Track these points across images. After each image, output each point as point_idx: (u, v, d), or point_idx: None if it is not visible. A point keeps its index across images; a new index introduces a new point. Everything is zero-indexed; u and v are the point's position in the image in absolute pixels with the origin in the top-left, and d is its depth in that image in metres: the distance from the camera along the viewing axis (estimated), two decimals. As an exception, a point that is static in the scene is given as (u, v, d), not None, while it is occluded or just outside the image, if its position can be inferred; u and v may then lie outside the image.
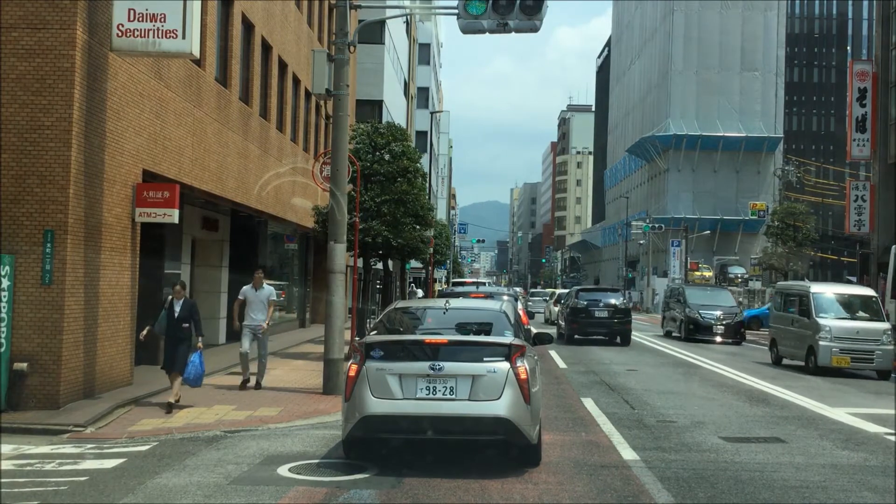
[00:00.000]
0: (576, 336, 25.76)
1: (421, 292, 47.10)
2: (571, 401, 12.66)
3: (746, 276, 60.18)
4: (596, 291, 29.04)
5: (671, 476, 7.73)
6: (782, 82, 77.53)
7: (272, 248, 24.72)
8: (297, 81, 24.29)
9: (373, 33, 37.34)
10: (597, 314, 25.40)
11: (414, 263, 39.08)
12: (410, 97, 56.05)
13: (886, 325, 17.98)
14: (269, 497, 6.87)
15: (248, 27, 19.25)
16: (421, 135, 57.76)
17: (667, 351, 23.53)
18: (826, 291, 19.07)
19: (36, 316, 10.72)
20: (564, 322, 26.85)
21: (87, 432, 9.65)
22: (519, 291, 44.82)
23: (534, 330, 10.70)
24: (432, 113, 60.97)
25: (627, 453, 8.70)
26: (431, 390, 7.37)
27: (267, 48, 20.77)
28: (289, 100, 23.36)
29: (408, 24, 52.09)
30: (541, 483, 7.39)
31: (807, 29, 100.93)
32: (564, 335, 26.16)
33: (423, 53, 63.63)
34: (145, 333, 11.38)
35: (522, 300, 34.09)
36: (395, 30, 44.98)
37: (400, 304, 10.10)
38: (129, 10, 10.98)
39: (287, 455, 8.47)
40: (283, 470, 7.79)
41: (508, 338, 7.83)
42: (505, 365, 7.43)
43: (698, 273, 61.77)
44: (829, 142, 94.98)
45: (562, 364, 18.38)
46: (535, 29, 12.50)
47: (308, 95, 25.08)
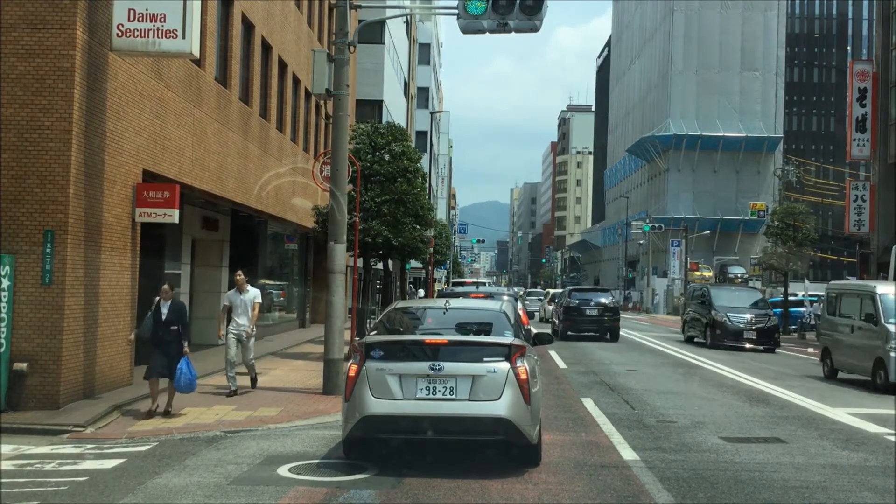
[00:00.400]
0: (569, 332, 27.04)
1: (422, 292, 47.09)
2: (571, 401, 12.66)
3: (746, 276, 60.14)
4: (587, 291, 30.75)
5: (671, 476, 7.73)
6: (782, 82, 77.57)
7: (272, 248, 24.72)
8: (297, 81, 24.29)
9: (373, 33, 37.34)
10: (588, 312, 27.38)
11: (414, 263, 39.10)
12: (410, 97, 56.05)
13: None
14: (269, 497, 6.87)
15: (248, 27, 19.25)
16: (421, 135, 57.77)
17: (667, 351, 23.53)
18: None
19: (36, 316, 10.72)
20: (558, 320, 28.48)
21: (87, 432, 9.65)
22: (519, 291, 45.09)
23: (534, 330, 10.69)
24: (432, 113, 60.98)
25: (627, 453, 8.70)
26: (431, 390, 7.37)
27: (267, 48, 20.78)
28: (289, 100, 23.37)
29: (408, 24, 52.10)
30: (541, 483, 7.39)
31: (807, 29, 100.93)
32: (558, 332, 27.36)
33: (423, 53, 63.64)
34: (132, 338, 11.05)
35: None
36: (395, 30, 44.98)
37: (400, 304, 10.10)
38: (129, 10, 10.99)
39: (287, 455, 8.47)
40: (283, 470, 7.79)
41: (508, 338, 7.83)
42: (505, 365, 7.43)
43: (698, 273, 61.76)
44: (829, 142, 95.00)
45: (562, 364, 18.38)
46: (535, 29, 12.50)
47: (308, 95, 25.09)
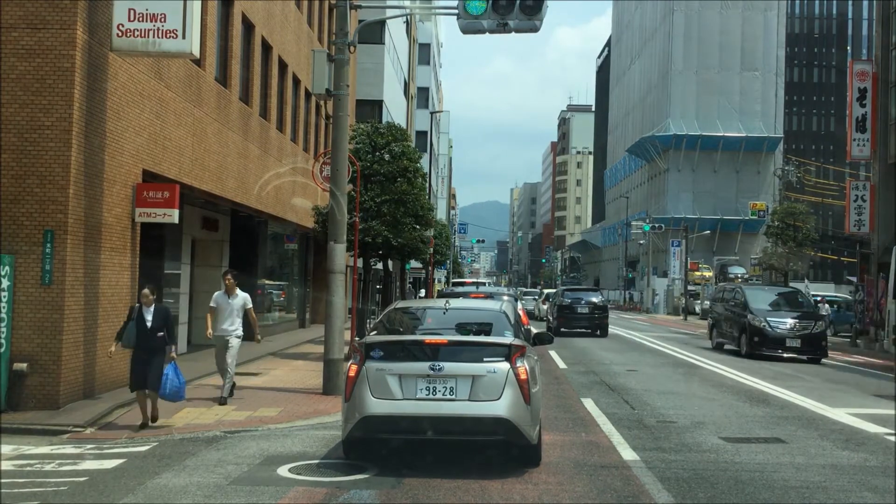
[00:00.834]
0: (562, 329, 29.38)
1: (423, 292, 47.10)
2: (571, 401, 12.66)
3: (746, 277, 60.14)
4: (579, 291, 33.16)
5: (671, 476, 7.73)
6: (782, 82, 77.60)
7: (272, 248, 24.72)
8: (297, 81, 24.29)
9: (373, 33, 37.34)
10: (579, 310, 29.91)
11: (414, 263, 39.09)
12: (410, 97, 56.05)
13: None
14: (269, 497, 6.87)
15: (248, 27, 19.25)
16: (421, 135, 57.76)
17: (667, 351, 23.53)
18: None
19: (36, 316, 10.72)
20: (552, 317, 31.16)
21: (87, 432, 9.65)
22: (517, 291, 45.48)
23: (534, 330, 10.70)
24: (432, 113, 60.97)
25: (627, 453, 8.70)
26: (431, 390, 7.37)
27: (267, 48, 20.78)
28: (289, 100, 23.37)
29: (408, 24, 52.09)
30: (541, 483, 7.38)
31: (807, 29, 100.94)
32: (552, 328, 29.14)
33: (423, 53, 63.64)
34: (113, 350, 9.97)
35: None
36: (395, 30, 44.98)
37: (400, 304, 10.09)
38: (129, 10, 10.99)
39: (287, 455, 8.47)
40: (283, 470, 7.79)
41: (508, 338, 7.82)
42: (505, 365, 7.43)
43: (698, 273, 61.79)
44: (829, 142, 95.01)
45: (562, 364, 18.37)
46: (535, 29, 12.50)
47: (308, 95, 25.08)
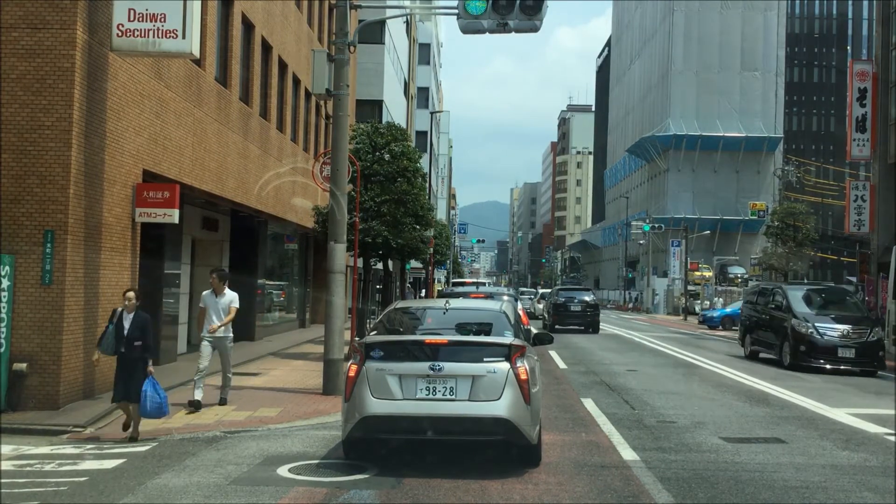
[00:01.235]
0: (556, 326, 31.59)
1: (424, 293, 47.10)
2: (571, 401, 12.65)
3: (746, 276, 60.17)
4: (572, 290, 35.45)
5: (671, 476, 7.72)
6: (782, 82, 77.59)
7: (272, 248, 24.72)
8: (297, 81, 24.29)
9: (373, 33, 37.34)
10: (572, 308, 32.36)
11: (414, 263, 39.11)
12: (410, 97, 56.05)
13: None
14: (269, 497, 6.87)
15: (248, 27, 19.25)
16: (421, 135, 57.75)
17: (667, 351, 23.53)
18: None
19: (36, 316, 10.72)
20: (548, 315, 33.68)
21: (87, 432, 9.65)
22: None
23: (534, 330, 10.70)
24: (432, 113, 60.96)
25: (627, 453, 8.69)
26: (431, 391, 7.36)
27: (267, 48, 20.78)
28: (289, 100, 23.37)
29: (408, 24, 52.09)
30: (541, 483, 7.38)
31: (807, 29, 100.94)
32: (548, 325, 32.29)
33: (423, 53, 63.64)
34: (97, 358, 9.52)
35: None
36: (395, 30, 44.98)
37: (400, 304, 10.08)
38: (129, 10, 10.99)
39: (287, 455, 8.47)
40: (283, 470, 7.79)
41: (508, 338, 7.82)
42: (505, 365, 7.43)
43: (698, 273, 61.79)
44: (829, 142, 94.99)
45: (562, 364, 18.37)
46: (535, 29, 12.50)
47: (308, 95, 25.09)
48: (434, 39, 70.47)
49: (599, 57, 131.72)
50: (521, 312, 15.02)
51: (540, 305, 38.52)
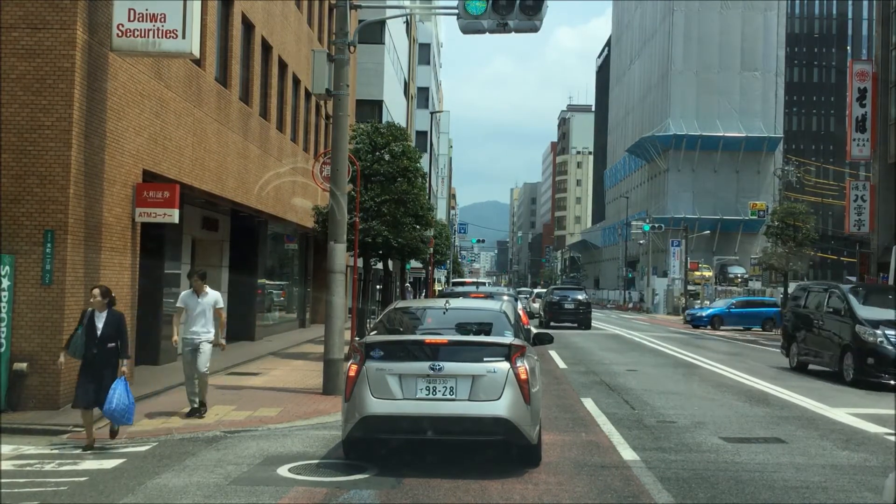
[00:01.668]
0: (551, 323, 34.34)
1: (424, 293, 47.14)
2: (571, 401, 12.65)
3: (746, 276, 60.23)
4: (566, 290, 38.27)
5: (671, 476, 7.72)
6: (782, 82, 77.61)
7: (272, 248, 24.73)
8: (297, 81, 24.29)
9: (373, 33, 37.35)
10: (566, 306, 34.88)
11: (414, 263, 39.14)
12: (410, 97, 56.05)
13: None
14: (269, 497, 6.87)
15: (248, 27, 19.25)
16: (421, 135, 57.77)
17: (667, 351, 23.53)
18: None
19: (36, 316, 10.72)
20: (543, 312, 36.09)
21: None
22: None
23: (534, 330, 10.69)
24: (432, 113, 60.97)
25: (627, 453, 8.69)
26: (431, 390, 7.36)
27: (267, 48, 20.78)
28: (289, 100, 23.37)
29: (408, 24, 52.09)
30: (541, 483, 7.38)
31: (807, 29, 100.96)
32: (543, 322, 34.95)
33: (423, 53, 63.65)
34: (62, 361, 8.97)
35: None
36: (395, 30, 44.98)
37: (400, 304, 10.09)
38: (129, 10, 10.99)
39: (287, 455, 8.47)
40: (283, 470, 7.79)
41: (508, 338, 7.82)
42: (505, 365, 7.43)
43: (698, 273, 61.80)
44: (829, 142, 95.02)
45: (562, 364, 18.37)
46: (535, 29, 12.50)
47: (308, 95, 25.09)
48: (434, 39, 70.49)
49: (599, 57, 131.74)
50: (521, 312, 15.02)
51: (535, 304, 40.13)
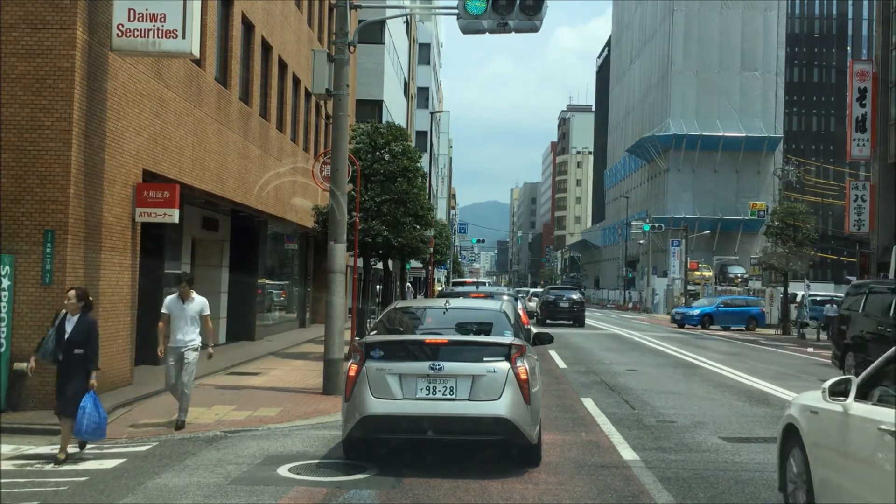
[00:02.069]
0: (547, 321, 36.13)
1: (423, 293, 47.16)
2: (571, 401, 12.66)
3: (746, 276, 60.21)
4: (561, 289, 40.71)
5: (671, 476, 7.72)
6: (782, 82, 77.58)
7: (272, 248, 24.74)
8: (297, 81, 24.29)
9: (373, 33, 37.35)
10: (561, 305, 36.99)
11: (414, 263, 39.14)
12: (410, 97, 56.05)
13: None
14: (269, 497, 6.87)
15: (248, 27, 19.25)
16: (421, 135, 57.77)
17: (667, 351, 23.53)
18: None
19: (36, 316, 10.72)
20: (540, 310, 38.02)
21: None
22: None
23: (534, 330, 10.68)
24: (432, 113, 60.97)
25: (627, 453, 8.70)
26: (431, 390, 7.36)
27: (267, 48, 20.78)
28: (289, 100, 23.37)
29: (408, 24, 52.09)
30: (541, 483, 7.38)
31: (807, 29, 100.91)
32: (539, 320, 36.70)
33: (423, 53, 63.65)
34: (33, 365, 8.52)
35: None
36: (395, 30, 44.98)
37: (400, 304, 10.09)
38: (129, 10, 10.99)
39: (287, 455, 8.47)
40: (283, 470, 7.79)
41: (508, 338, 7.82)
42: (505, 365, 7.43)
43: (698, 273, 61.80)
44: (829, 142, 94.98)
45: (562, 364, 18.37)
46: (535, 29, 12.50)
47: (308, 95, 25.09)
48: (434, 39, 70.49)
49: (599, 57, 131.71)
50: (522, 312, 15.01)
51: (532, 304, 41.41)
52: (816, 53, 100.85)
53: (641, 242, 71.64)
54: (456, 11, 12.37)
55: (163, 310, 10.06)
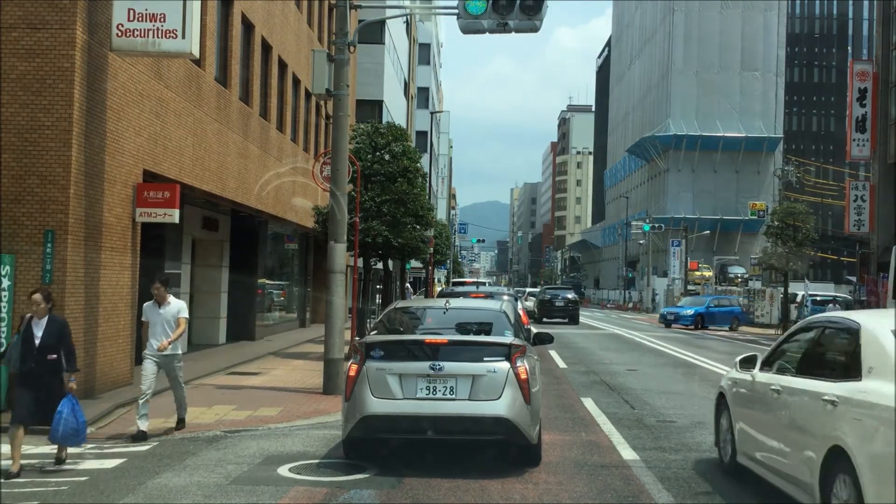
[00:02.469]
0: (543, 319, 37.80)
1: (424, 293, 47.15)
2: (571, 401, 12.66)
3: (746, 276, 60.21)
4: (557, 289, 43.32)
5: (671, 476, 7.72)
6: (782, 82, 77.60)
7: (272, 248, 24.75)
8: (297, 81, 24.30)
9: (373, 33, 37.35)
10: (556, 303, 38.92)
11: (414, 263, 39.16)
12: (410, 97, 56.06)
13: None
14: (269, 497, 6.87)
15: (248, 27, 19.25)
16: (421, 135, 57.78)
17: (667, 351, 23.53)
18: None
19: (36, 316, 10.70)
20: (537, 309, 39.19)
21: (88, 432, 9.61)
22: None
23: (534, 329, 10.68)
24: (432, 113, 60.98)
25: (627, 453, 8.70)
26: (431, 390, 7.37)
27: (267, 48, 20.78)
28: (289, 100, 23.37)
29: (408, 24, 52.10)
30: (541, 483, 7.38)
31: (807, 29, 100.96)
32: (536, 318, 37.39)
33: (423, 53, 63.66)
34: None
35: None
36: (395, 30, 44.99)
37: (400, 304, 10.10)
38: (129, 10, 10.99)
39: (287, 455, 8.47)
40: (284, 470, 7.79)
41: (508, 338, 7.82)
42: (505, 365, 7.43)
43: (698, 273, 61.80)
44: (829, 142, 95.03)
45: (562, 364, 18.37)
46: (535, 29, 12.50)
47: (308, 95, 25.09)
48: (434, 39, 70.50)
49: (599, 57, 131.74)
50: (522, 312, 15.02)
51: (528, 303, 42.24)
52: (816, 53, 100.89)
53: (641, 242, 71.66)
54: (456, 11, 12.38)
55: (142, 317, 9.56)
